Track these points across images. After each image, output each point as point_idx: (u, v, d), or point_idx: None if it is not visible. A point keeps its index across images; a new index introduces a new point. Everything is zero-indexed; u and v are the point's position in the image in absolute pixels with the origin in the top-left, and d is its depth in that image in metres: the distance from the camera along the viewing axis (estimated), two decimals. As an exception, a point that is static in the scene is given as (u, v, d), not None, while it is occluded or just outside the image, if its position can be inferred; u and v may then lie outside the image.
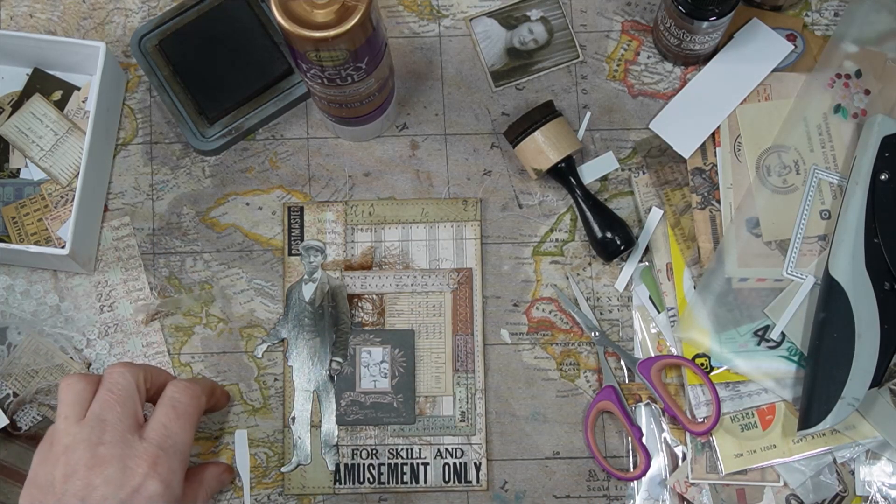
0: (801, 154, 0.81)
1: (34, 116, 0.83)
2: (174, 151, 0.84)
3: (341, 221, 0.83)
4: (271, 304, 0.82)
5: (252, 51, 0.82)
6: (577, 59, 0.85)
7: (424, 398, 0.80)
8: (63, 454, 0.66)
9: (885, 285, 0.76)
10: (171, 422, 0.69)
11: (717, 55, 0.84)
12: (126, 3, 0.86)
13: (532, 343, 0.81)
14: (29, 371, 0.80)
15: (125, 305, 0.82)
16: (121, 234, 0.83)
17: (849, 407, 0.74)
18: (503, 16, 0.86)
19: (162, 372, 0.74)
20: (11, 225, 0.82)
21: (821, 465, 0.78)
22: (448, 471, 0.79)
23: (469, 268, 0.82)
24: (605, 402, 0.78)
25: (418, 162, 0.84)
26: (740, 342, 0.79)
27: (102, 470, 0.65)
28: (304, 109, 0.85)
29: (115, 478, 0.65)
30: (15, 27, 0.86)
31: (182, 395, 0.70)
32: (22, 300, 0.82)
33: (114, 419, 0.67)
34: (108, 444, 0.66)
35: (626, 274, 0.81)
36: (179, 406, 0.70)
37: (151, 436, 0.67)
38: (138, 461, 0.66)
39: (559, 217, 0.83)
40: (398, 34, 0.86)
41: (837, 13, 0.85)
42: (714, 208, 0.81)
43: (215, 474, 0.77)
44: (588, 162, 0.83)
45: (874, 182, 0.78)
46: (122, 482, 0.65)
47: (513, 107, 0.84)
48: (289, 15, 0.65)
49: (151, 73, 0.83)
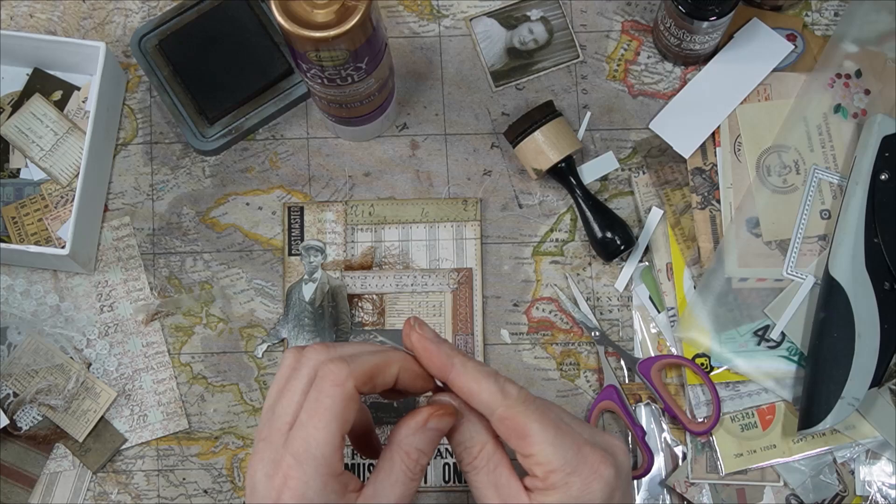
0: (801, 154, 0.81)
1: (34, 116, 0.83)
2: (174, 151, 0.84)
3: (341, 221, 0.83)
4: (271, 304, 0.82)
5: (252, 51, 0.82)
6: (577, 59, 0.85)
7: (424, 398, 0.80)
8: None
9: (885, 285, 0.76)
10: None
11: (717, 55, 0.84)
12: (126, 3, 0.86)
13: (532, 343, 0.81)
14: (29, 371, 0.80)
15: (125, 305, 0.82)
16: (121, 234, 0.83)
17: (849, 407, 0.74)
18: (503, 16, 0.86)
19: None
20: (11, 225, 0.82)
21: (821, 465, 0.78)
22: (448, 471, 0.79)
23: (469, 268, 0.82)
24: (606, 402, 0.78)
25: (418, 162, 0.84)
26: (740, 342, 0.79)
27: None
28: (304, 109, 0.85)
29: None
30: (15, 27, 0.86)
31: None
32: (22, 300, 0.82)
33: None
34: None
35: (626, 274, 0.81)
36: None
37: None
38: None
39: (559, 217, 0.83)
40: (398, 34, 0.86)
41: (837, 13, 0.85)
42: (714, 208, 0.81)
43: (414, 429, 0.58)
44: (588, 162, 0.83)
45: (874, 182, 0.78)
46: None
47: (513, 107, 0.84)
48: (289, 15, 0.65)
49: (151, 73, 0.83)
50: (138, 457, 0.80)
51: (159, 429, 0.80)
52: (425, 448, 0.56)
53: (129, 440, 0.80)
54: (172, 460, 0.80)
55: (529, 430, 0.55)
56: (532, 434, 0.55)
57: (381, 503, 0.54)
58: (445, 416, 0.57)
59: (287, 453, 0.53)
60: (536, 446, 0.55)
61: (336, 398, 0.54)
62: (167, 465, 0.80)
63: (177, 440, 0.80)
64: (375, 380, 0.56)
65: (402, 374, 0.57)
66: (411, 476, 0.55)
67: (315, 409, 0.54)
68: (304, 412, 0.54)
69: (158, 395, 0.81)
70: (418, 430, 0.55)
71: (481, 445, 0.57)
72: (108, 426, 0.80)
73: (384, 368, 0.56)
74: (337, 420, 0.53)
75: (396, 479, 0.55)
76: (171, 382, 0.81)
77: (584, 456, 0.55)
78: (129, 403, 0.81)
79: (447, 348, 0.58)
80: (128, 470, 0.80)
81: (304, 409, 0.54)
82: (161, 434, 0.80)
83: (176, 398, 0.81)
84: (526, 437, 0.55)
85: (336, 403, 0.54)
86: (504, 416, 0.55)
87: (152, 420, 0.80)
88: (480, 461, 0.57)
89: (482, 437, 0.57)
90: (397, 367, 0.57)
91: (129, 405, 0.81)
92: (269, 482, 0.53)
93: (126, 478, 0.80)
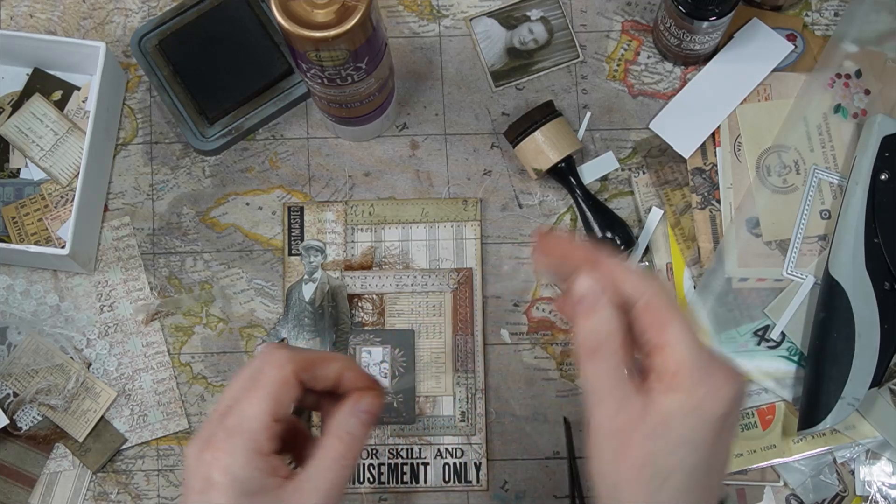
0: (801, 154, 0.81)
1: (34, 116, 0.83)
2: (174, 151, 0.84)
3: (341, 221, 0.83)
4: (271, 304, 0.82)
5: (252, 51, 0.82)
6: (577, 59, 0.85)
7: (424, 398, 0.80)
8: None
9: (885, 285, 0.76)
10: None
11: (717, 55, 0.84)
12: (126, 3, 0.86)
13: (532, 343, 0.81)
14: (29, 371, 0.80)
15: (125, 305, 0.82)
16: (121, 234, 0.83)
17: (849, 407, 0.74)
18: (503, 16, 0.86)
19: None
20: (11, 225, 0.82)
21: (821, 465, 0.78)
22: (448, 471, 0.79)
23: (469, 268, 0.82)
24: (605, 402, 0.78)
25: (418, 162, 0.84)
26: (740, 342, 0.79)
27: None
28: (304, 109, 0.85)
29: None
30: (15, 27, 0.86)
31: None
32: (22, 300, 0.82)
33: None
34: None
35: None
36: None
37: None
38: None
39: (559, 217, 0.83)
40: (398, 34, 0.86)
41: (837, 13, 0.85)
42: (714, 208, 0.81)
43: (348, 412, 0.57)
44: (588, 162, 0.83)
45: (874, 182, 0.78)
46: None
47: (513, 107, 0.84)
48: (289, 15, 0.65)
49: (151, 73, 0.83)
50: (138, 457, 0.80)
51: (159, 429, 0.80)
52: (356, 431, 0.56)
53: (129, 440, 0.80)
54: (172, 460, 0.80)
55: (671, 324, 0.52)
56: (673, 328, 0.52)
57: (313, 487, 0.54)
58: (375, 398, 0.57)
59: (220, 429, 0.54)
60: (674, 341, 0.51)
61: (273, 378, 0.55)
62: (167, 465, 0.80)
63: (177, 440, 0.80)
64: (315, 370, 0.56)
65: (345, 373, 0.57)
66: (343, 462, 0.55)
67: (252, 388, 0.55)
68: (242, 391, 0.55)
69: (158, 395, 0.81)
70: (350, 415, 0.56)
71: (608, 333, 0.53)
72: (108, 426, 0.80)
73: (326, 363, 0.57)
74: (270, 399, 0.54)
75: (328, 465, 0.55)
76: (171, 382, 0.81)
77: (717, 366, 0.52)
78: (129, 403, 0.81)
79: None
80: (128, 470, 0.80)
81: (243, 388, 0.55)
82: (161, 434, 0.80)
83: (176, 398, 0.81)
84: (666, 329, 0.52)
85: (272, 383, 0.54)
86: (650, 304, 0.52)
87: (152, 420, 0.80)
88: (605, 349, 0.53)
89: (613, 324, 0.53)
90: (339, 365, 0.57)
91: (129, 405, 0.81)
92: (201, 458, 0.54)
93: (126, 478, 0.80)
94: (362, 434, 0.56)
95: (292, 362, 0.55)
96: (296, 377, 0.55)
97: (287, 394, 0.55)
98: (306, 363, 0.56)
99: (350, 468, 0.55)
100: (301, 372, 0.56)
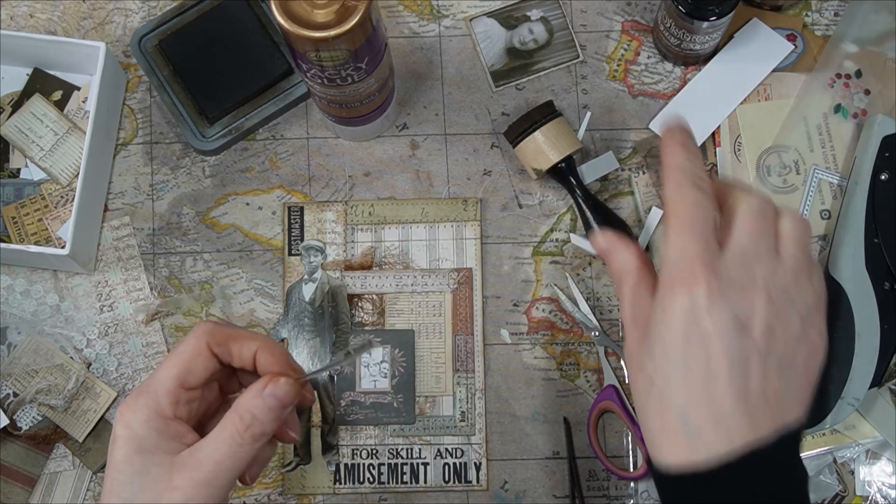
0: (801, 154, 0.81)
1: (34, 116, 0.83)
2: (174, 151, 0.84)
3: (341, 221, 0.83)
4: (271, 304, 0.82)
5: (252, 51, 0.82)
6: (577, 59, 0.85)
7: (424, 398, 0.80)
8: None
9: (885, 285, 0.76)
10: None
11: (717, 55, 0.84)
12: (126, 3, 0.86)
13: (532, 343, 0.81)
14: (29, 371, 0.80)
15: (125, 305, 0.82)
16: (121, 234, 0.83)
17: (849, 407, 0.74)
18: (503, 16, 0.86)
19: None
20: (11, 225, 0.82)
21: (821, 465, 0.78)
22: (448, 471, 0.79)
23: (469, 268, 0.82)
24: (606, 402, 0.78)
25: (418, 162, 0.84)
26: (740, 342, 0.78)
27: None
28: (304, 109, 0.85)
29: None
30: (15, 27, 0.86)
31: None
32: (22, 300, 0.82)
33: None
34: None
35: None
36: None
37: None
38: None
39: (559, 217, 0.83)
40: (398, 34, 0.86)
41: (837, 13, 0.85)
42: (714, 208, 0.81)
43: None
44: (588, 162, 0.83)
45: (874, 182, 0.78)
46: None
47: (513, 107, 0.84)
48: (289, 15, 0.65)
49: (151, 73, 0.83)
50: (138, 457, 0.80)
51: (159, 429, 0.80)
52: (260, 415, 0.56)
53: (129, 440, 0.80)
54: (172, 460, 0.80)
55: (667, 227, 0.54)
56: (667, 231, 0.54)
57: (203, 456, 0.55)
58: (288, 386, 0.57)
59: (134, 390, 0.58)
60: (667, 243, 0.53)
61: (187, 347, 0.57)
62: (167, 465, 0.80)
63: (177, 440, 0.80)
64: (230, 345, 0.58)
65: (261, 354, 0.59)
66: (239, 440, 0.56)
67: (170, 356, 0.58)
68: (164, 358, 0.59)
69: (158, 395, 0.81)
70: (255, 396, 0.57)
71: (625, 267, 0.56)
72: (108, 426, 0.80)
73: (243, 340, 0.59)
74: (179, 365, 0.57)
75: (223, 438, 0.56)
76: (171, 382, 0.81)
77: (681, 270, 0.53)
78: (129, 403, 0.81)
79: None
80: (128, 470, 0.80)
81: (166, 356, 0.59)
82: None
83: (176, 398, 0.81)
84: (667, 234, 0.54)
85: (185, 352, 0.57)
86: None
87: (152, 420, 0.80)
88: (626, 276, 0.56)
89: (628, 261, 0.56)
90: (257, 344, 0.58)
91: (129, 405, 0.81)
92: (116, 413, 0.58)
93: (126, 478, 0.80)
94: (267, 419, 0.56)
95: (208, 335, 0.58)
96: (209, 349, 0.58)
97: (198, 363, 0.58)
98: (223, 337, 0.58)
99: (247, 448, 0.56)
100: (215, 345, 0.58)
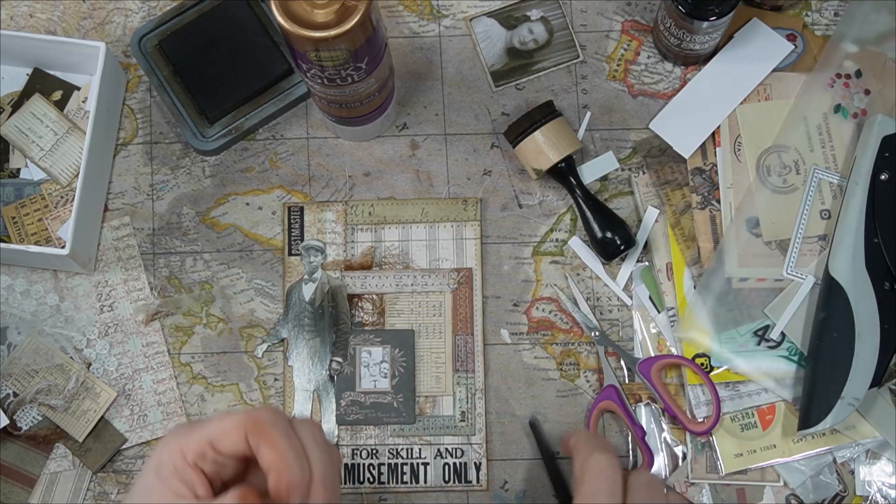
0: (801, 154, 0.81)
1: (34, 116, 0.83)
2: (174, 151, 0.84)
3: (341, 221, 0.83)
4: (271, 304, 0.82)
5: (252, 51, 0.82)
6: (577, 59, 0.85)
7: (424, 398, 0.80)
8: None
9: (885, 285, 0.76)
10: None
11: (717, 55, 0.84)
12: (126, 3, 0.86)
13: (532, 343, 0.81)
14: (29, 371, 0.80)
15: (125, 305, 0.82)
16: (121, 234, 0.83)
17: (849, 407, 0.74)
18: (503, 16, 0.86)
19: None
20: (11, 225, 0.82)
21: (821, 465, 0.78)
22: (448, 471, 0.79)
23: (469, 268, 0.82)
24: (606, 402, 0.78)
25: (418, 162, 0.84)
26: (740, 342, 0.79)
27: None
28: (304, 109, 0.85)
29: None
30: (15, 27, 0.86)
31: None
32: (22, 300, 0.82)
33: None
34: None
35: (625, 274, 0.81)
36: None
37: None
38: None
39: (559, 217, 0.83)
40: (398, 34, 0.86)
41: (837, 13, 0.85)
42: (714, 208, 0.81)
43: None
44: (588, 162, 0.83)
45: (874, 182, 0.78)
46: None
47: (513, 107, 0.84)
48: (289, 15, 0.65)
49: (151, 73, 0.83)
50: (138, 457, 0.80)
51: (159, 429, 0.80)
52: None
53: (129, 440, 0.80)
54: (172, 460, 0.80)
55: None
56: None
57: None
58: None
59: (186, 423, 0.58)
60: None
61: (231, 421, 0.54)
62: (167, 465, 0.80)
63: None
64: (261, 445, 0.54)
65: (260, 448, 0.54)
66: None
67: (222, 415, 0.55)
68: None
69: (158, 395, 0.81)
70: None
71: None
72: (108, 426, 0.80)
73: (271, 445, 0.54)
74: (217, 428, 0.54)
75: None
76: (171, 382, 0.81)
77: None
78: (129, 403, 0.81)
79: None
80: (128, 470, 0.80)
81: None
82: (161, 434, 0.80)
83: (176, 398, 0.81)
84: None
85: (226, 421, 0.55)
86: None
87: (152, 420, 0.80)
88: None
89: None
90: (243, 430, 0.54)
91: (129, 405, 0.81)
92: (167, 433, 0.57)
93: (126, 478, 0.80)
94: None
95: (251, 424, 0.54)
96: (245, 437, 0.54)
97: (229, 440, 0.54)
98: (259, 435, 0.54)
99: None
100: (251, 435, 0.54)
